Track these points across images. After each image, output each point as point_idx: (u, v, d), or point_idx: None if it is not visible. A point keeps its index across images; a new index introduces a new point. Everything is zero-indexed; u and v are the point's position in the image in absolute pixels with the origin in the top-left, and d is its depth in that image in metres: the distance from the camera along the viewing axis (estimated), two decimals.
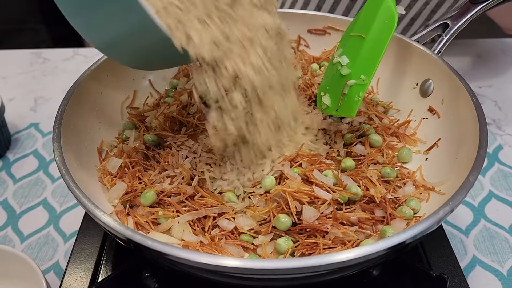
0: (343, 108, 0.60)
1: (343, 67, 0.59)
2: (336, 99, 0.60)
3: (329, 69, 0.63)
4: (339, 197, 0.54)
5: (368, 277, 0.56)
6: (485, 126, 0.54)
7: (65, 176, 0.48)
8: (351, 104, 0.59)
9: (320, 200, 0.53)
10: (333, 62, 0.61)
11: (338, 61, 0.59)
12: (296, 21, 0.80)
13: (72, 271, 0.59)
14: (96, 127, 0.65)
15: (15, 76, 1.07)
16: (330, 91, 0.61)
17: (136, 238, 0.42)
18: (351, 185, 0.56)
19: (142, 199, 0.56)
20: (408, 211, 0.55)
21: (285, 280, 0.44)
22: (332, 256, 0.39)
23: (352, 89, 0.58)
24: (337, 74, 0.59)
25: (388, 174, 0.59)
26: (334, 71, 0.60)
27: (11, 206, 0.75)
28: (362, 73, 0.58)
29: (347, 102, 0.59)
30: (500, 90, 1.00)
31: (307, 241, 0.51)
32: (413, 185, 0.59)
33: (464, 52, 1.11)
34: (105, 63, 0.67)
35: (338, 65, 0.59)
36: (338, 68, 0.59)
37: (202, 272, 0.44)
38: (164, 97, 0.75)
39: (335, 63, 0.60)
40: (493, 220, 0.72)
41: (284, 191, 0.53)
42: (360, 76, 0.58)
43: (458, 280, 0.57)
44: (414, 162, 0.64)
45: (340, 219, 0.52)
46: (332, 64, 0.62)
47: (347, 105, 0.59)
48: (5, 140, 0.84)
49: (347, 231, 0.51)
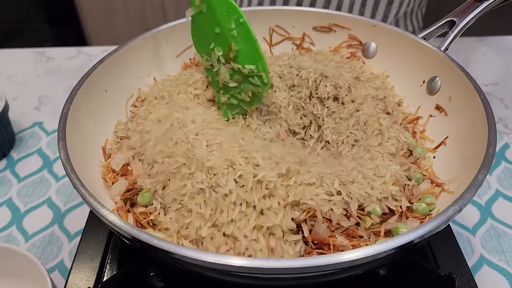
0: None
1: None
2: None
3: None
4: (363, 222, 0.51)
5: (376, 277, 0.55)
6: (493, 124, 0.53)
7: (70, 175, 0.48)
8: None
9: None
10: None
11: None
12: (301, 18, 0.80)
13: (77, 270, 0.59)
14: (100, 126, 0.65)
15: (19, 75, 1.07)
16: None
17: (143, 237, 0.41)
18: (375, 206, 0.52)
19: (139, 198, 0.56)
20: (423, 207, 0.54)
21: (292, 279, 0.43)
22: (341, 255, 0.38)
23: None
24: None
25: (418, 179, 0.58)
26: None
27: (16, 205, 0.75)
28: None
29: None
30: (507, 88, 0.99)
31: (317, 251, 0.49)
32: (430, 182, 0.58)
33: (470, 49, 1.10)
34: (109, 61, 0.67)
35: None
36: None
37: (208, 271, 0.43)
38: None
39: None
40: (500, 219, 0.71)
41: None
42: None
43: (466, 280, 0.57)
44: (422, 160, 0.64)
45: (352, 234, 0.50)
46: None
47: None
48: (9, 139, 0.84)
49: (358, 243, 0.49)
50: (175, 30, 0.75)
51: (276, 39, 0.82)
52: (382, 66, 0.76)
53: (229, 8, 0.60)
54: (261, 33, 0.81)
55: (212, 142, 0.57)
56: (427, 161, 0.62)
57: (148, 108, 0.66)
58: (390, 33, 0.73)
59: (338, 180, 0.51)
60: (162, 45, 0.75)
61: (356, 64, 0.75)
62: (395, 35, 0.73)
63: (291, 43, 0.82)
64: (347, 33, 0.78)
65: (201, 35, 0.66)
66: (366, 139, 0.62)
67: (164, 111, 0.64)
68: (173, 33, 0.75)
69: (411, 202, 0.55)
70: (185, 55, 0.78)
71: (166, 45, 0.75)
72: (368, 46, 0.77)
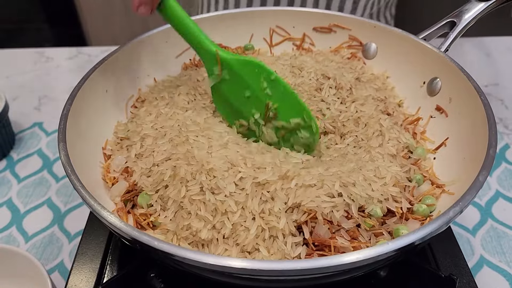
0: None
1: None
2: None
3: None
4: (364, 223, 0.50)
5: (376, 278, 0.55)
6: (494, 125, 0.53)
7: (70, 176, 0.48)
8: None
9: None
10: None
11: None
12: (301, 19, 0.80)
13: (77, 271, 0.58)
14: (101, 126, 0.65)
15: (19, 75, 1.07)
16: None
17: (143, 238, 0.41)
18: (375, 208, 0.52)
19: (139, 199, 0.56)
20: (424, 209, 0.54)
21: (293, 281, 0.43)
22: (342, 257, 0.38)
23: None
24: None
25: (419, 180, 0.58)
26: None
27: (15, 205, 0.75)
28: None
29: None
30: (507, 88, 0.99)
31: (318, 252, 0.49)
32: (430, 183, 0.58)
33: (470, 50, 1.10)
34: (109, 62, 0.67)
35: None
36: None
37: (209, 272, 0.43)
38: None
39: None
40: (501, 220, 0.71)
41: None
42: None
43: (467, 281, 0.57)
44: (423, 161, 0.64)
45: (352, 235, 0.50)
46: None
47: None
48: (9, 139, 0.84)
49: (359, 244, 0.49)
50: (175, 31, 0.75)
51: (276, 39, 0.82)
52: (382, 67, 0.76)
53: (256, 69, 0.58)
54: (261, 33, 0.81)
55: (213, 144, 0.57)
56: (428, 162, 0.62)
57: (148, 109, 0.66)
58: (390, 33, 0.73)
59: (339, 181, 0.51)
60: (162, 46, 0.75)
61: (356, 64, 0.75)
62: (395, 36, 0.73)
63: (291, 44, 0.82)
64: (347, 34, 0.78)
65: (227, 102, 0.63)
66: (366, 140, 0.62)
67: (164, 111, 0.64)
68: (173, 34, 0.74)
69: (411, 203, 0.55)
70: (185, 56, 0.78)
71: (166, 46, 0.75)
72: (369, 47, 0.77)
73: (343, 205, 0.50)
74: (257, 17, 0.79)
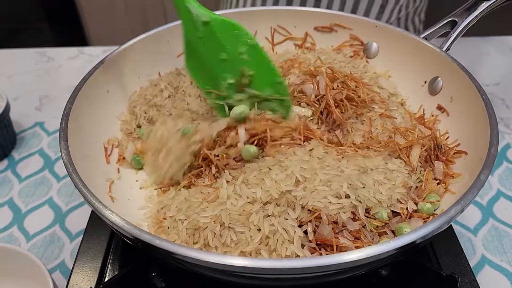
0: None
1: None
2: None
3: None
4: (370, 224, 0.50)
5: (378, 277, 0.55)
6: (495, 124, 0.53)
7: (72, 175, 0.48)
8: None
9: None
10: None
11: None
12: (302, 19, 0.80)
13: (79, 270, 0.58)
14: (102, 126, 0.65)
15: (20, 75, 1.07)
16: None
17: (144, 237, 0.41)
18: (382, 211, 0.52)
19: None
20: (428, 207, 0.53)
21: (294, 279, 0.43)
22: (344, 255, 0.38)
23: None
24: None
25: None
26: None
27: (17, 205, 0.75)
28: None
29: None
30: (508, 88, 0.99)
31: (320, 252, 0.49)
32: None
33: (471, 49, 1.10)
34: (110, 61, 0.67)
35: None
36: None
37: (210, 271, 0.43)
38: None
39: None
40: (502, 219, 0.71)
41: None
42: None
43: (468, 280, 0.57)
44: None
45: (356, 235, 0.50)
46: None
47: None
48: (10, 139, 0.84)
49: (362, 244, 0.49)
50: (176, 30, 0.74)
51: (278, 39, 0.82)
52: (383, 66, 0.76)
53: (236, 30, 0.55)
54: (263, 33, 0.81)
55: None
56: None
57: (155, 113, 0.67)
58: (391, 33, 0.73)
59: (347, 183, 0.51)
60: (163, 46, 0.75)
61: (359, 63, 0.75)
62: (396, 35, 0.72)
63: (292, 43, 0.82)
64: (349, 33, 0.78)
65: (200, 65, 0.59)
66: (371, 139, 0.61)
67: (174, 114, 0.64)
68: (174, 34, 0.75)
69: (415, 202, 0.55)
70: None
71: (167, 46, 0.75)
72: (370, 46, 0.77)
73: (350, 207, 0.50)
74: (259, 16, 0.79)
